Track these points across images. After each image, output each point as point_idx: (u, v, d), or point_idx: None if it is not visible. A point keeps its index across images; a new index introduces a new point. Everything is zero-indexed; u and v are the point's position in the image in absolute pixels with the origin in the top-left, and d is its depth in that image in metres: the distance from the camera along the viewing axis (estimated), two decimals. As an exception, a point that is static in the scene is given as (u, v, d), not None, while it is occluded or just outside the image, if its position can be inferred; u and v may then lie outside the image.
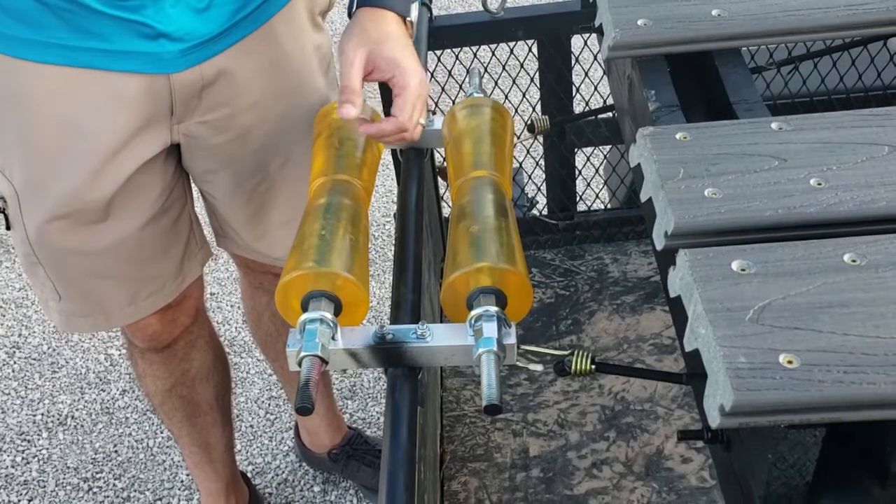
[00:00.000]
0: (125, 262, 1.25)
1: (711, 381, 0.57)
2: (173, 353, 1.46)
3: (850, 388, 0.54)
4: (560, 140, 1.74)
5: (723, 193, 0.71)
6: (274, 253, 1.39)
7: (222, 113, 1.18)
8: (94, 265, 1.23)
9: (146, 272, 1.28)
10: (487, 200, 0.92)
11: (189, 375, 1.52)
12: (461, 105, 1.08)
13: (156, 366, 1.48)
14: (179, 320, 1.41)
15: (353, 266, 0.85)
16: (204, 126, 1.18)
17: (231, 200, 1.30)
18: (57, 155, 1.12)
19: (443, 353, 0.81)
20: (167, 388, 1.52)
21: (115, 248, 1.22)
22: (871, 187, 0.70)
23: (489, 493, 1.36)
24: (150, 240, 1.25)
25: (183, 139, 1.19)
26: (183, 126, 1.17)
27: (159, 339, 1.41)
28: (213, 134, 1.19)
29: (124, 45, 1.06)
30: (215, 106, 1.17)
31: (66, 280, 1.25)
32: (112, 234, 1.20)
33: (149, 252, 1.26)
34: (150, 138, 1.15)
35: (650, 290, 1.68)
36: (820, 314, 0.59)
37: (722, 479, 0.72)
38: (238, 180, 1.27)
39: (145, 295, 1.30)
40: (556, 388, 1.51)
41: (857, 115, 0.79)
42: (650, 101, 0.90)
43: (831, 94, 1.65)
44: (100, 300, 1.28)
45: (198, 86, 1.13)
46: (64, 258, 1.22)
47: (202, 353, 1.52)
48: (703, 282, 0.62)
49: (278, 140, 1.25)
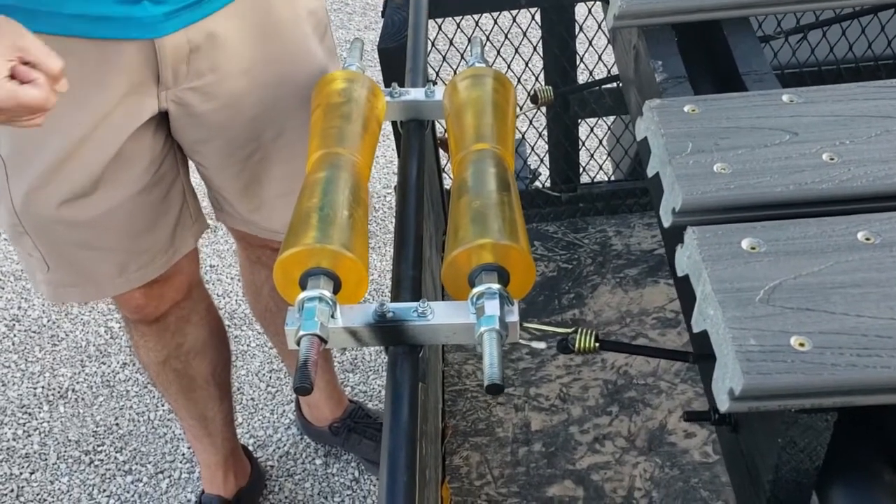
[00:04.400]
0: (114, 234, 1.23)
1: (720, 363, 0.55)
2: (164, 326, 1.45)
3: (863, 371, 0.53)
4: (563, 111, 1.72)
5: (732, 169, 0.69)
6: (271, 225, 1.37)
7: (211, 79, 1.15)
8: (82, 236, 1.22)
9: (136, 244, 1.26)
10: (489, 174, 0.90)
11: (182, 350, 1.51)
12: (462, 75, 1.05)
13: (148, 338, 1.48)
14: (167, 296, 1.40)
15: (352, 243, 0.83)
16: (192, 93, 1.16)
17: (223, 171, 1.28)
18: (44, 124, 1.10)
19: (444, 331, 0.79)
20: (160, 361, 1.51)
21: (104, 219, 1.20)
22: (885, 162, 0.68)
23: (491, 467, 1.35)
24: (139, 212, 1.23)
25: (172, 107, 1.17)
26: (171, 93, 1.15)
27: (144, 312, 1.40)
28: (202, 101, 1.17)
29: (106, 11, 1.03)
30: (204, 72, 1.14)
31: (54, 250, 1.24)
32: (100, 205, 1.19)
33: (138, 224, 1.24)
34: (137, 106, 1.13)
35: (654, 264, 1.66)
36: (832, 295, 0.57)
37: (728, 461, 0.70)
38: (229, 150, 1.25)
39: (135, 267, 1.28)
40: (559, 363, 1.49)
41: (870, 86, 0.77)
42: (657, 72, 0.87)
43: (840, 63, 1.62)
44: (88, 271, 1.27)
45: (185, 50, 1.11)
46: (51, 228, 1.20)
47: (196, 328, 1.51)
48: (712, 261, 0.61)
49: (272, 109, 1.22)
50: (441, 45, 1.77)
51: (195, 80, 1.14)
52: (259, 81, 1.19)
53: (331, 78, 1.06)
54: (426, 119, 1.09)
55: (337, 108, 1.03)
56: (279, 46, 1.19)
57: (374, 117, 1.05)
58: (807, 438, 0.56)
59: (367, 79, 1.05)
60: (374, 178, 2.69)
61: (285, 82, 1.21)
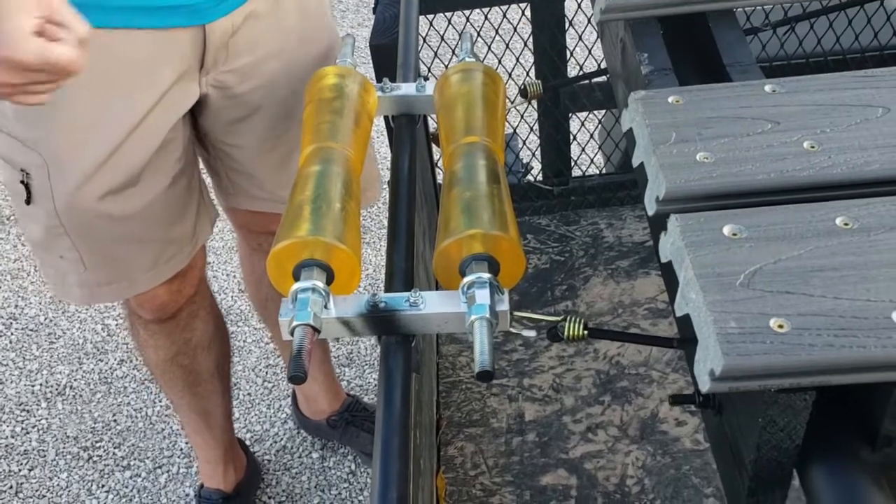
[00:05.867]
0: (152, 224, 1.24)
1: (702, 345, 0.57)
2: (176, 322, 1.47)
3: (840, 351, 0.54)
4: (554, 105, 1.73)
5: (715, 157, 0.70)
6: None
7: (248, 60, 1.18)
8: (124, 229, 1.22)
9: (168, 234, 1.28)
10: (479, 167, 0.91)
11: (191, 345, 1.53)
12: (453, 70, 1.06)
13: (158, 336, 1.48)
14: (185, 290, 1.41)
15: (345, 235, 0.84)
16: (231, 74, 1.18)
17: (261, 146, 1.30)
18: (94, 118, 1.11)
19: (436, 320, 0.81)
20: (169, 358, 1.52)
21: (145, 211, 1.21)
22: (864, 150, 0.70)
23: (485, 457, 1.37)
24: (173, 200, 1.25)
25: (211, 91, 1.19)
26: (210, 77, 1.17)
27: (166, 310, 1.41)
28: (239, 81, 1.19)
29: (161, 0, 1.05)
30: (242, 53, 1.17)
31: (95, 247, 1.24)
32: (143, 196, 1.20)
33: (172, 213, 1.26)
34: (184, 92, 1.15)
35: (645, 255, 1.68)
36: (811, 278, 0.59)
37: (714, 443, 0.72)
38: (267, 127, 1.27)
39: (166, 258, 1.30)
40: (552, 354, 1.51)
41: (851, 76, 0.78)
42: (643, 65, 0.89)
43: (828, 55, 1.64)
44: (126, 265, 1.28)
45: (228, 33, 1.13)
46: (94, 224, 1.20)
47: (204, 322, 1.53)
48: (694, 247, 0.62)
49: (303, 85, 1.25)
50: (433, 42, 1.79)
51: (234, 61, 1.17)
52: (291, 59, 1.21)
53: (322, 73, 1.07)
54: (417, 114, 1.10)
55: (329, 103, 1.04)
56: (308, 23, 1.22)
57: (365, 112, 1.07)
58: (786, 417, 0.58)
59: (358, 74, 1.06)
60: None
61: (313, 57, 1.24)
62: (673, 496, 1.28)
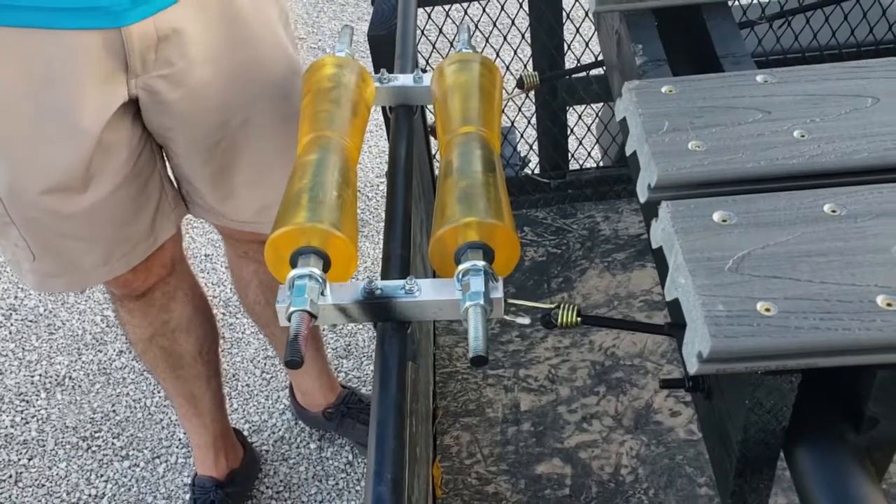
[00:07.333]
0: (99, 226, 1.25)
1: (690, 328, 0.58)
2: (150, 302, 1.47)
3: (825, 334, 0.55)
4: (552, 98, 1.74)
5: (707, 146, 0.71)
6: (240, 216, 1.38)
7: (180, 67, 1.17)
8: (68, 227, 1.24)
9: (119, 234, 1.29)
10: (475, 156, 0.92)
11: (169, 327, 1.54)
12: (450, 60, 1.07)
13: (134, 314, 1.50)
14: (154, 270, 1.42)
15: (342, 222, 0.85)
16: (161, 80, 1.17)
17: (191, 159, 1.30)
18: (22, 116, 1.12)
19: (431, 307, 0.82)
20: (147, 338, 1.53)
21: (90, 212, 1.22)
22: (853, 139, 0.71)
23: (481, 446, 1.38)
24: (122, 203, 1.25)
25: (141, 94, 1.19)
26: (140, 80, 1.17)
27: (133, 287, 1.42)
28: (170, 89, 1.19)
29: (71, 1, 1.05)
30: (173, 60, 1.16)
31: (39, 240, 1.25)
32: (87, 198, 1.20)
33: (122, 215, 1.27)
34: (108, 94, 1.15)
35: (641, 248, 1.69)
36: (799, 263, 0.60)
37: (703, 428, 0.73)
38: (197, 137, 1.26)
39: (118, 255, 1.30)
40: (548, 345, 1.52)
41: (842, 67, 0.79)
42: (637, 55, 0.90)
43: (823, 49, 1.65)
44: (73, 261, 1.29)
45: (153, 38, 1.13)
46: (37, 218, 1.22)
47: (181, 305, 1.53)
48: (684, 233, 0.63)
49: (238, 96, 1.24)
50: (430, 33, 1.79)
51: (164, 67, 1.16)
52: (225, 68, 1.20)
53: (321, 63, 1.08)
54: (415, 104, 1.11)
55: (327, 92, 1.05)
56: (243, 31, 1.20)
57: (363, 102, 1.08)
58: (773, 399, 0.59)
59: (356, 64, 1.07)
60: (367, 167, 2.71)
61: (251, 68, 1.23)
62: (667, 485, 1.30)
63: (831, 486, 0.58)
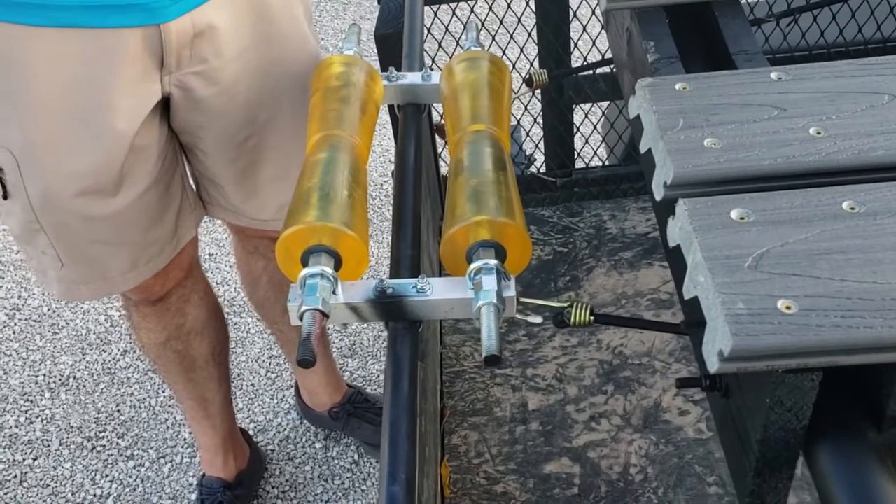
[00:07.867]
0: (129, 229, 1.25)
1: (710, 327, 0.57)
2: (166, 306, 1.47)
3: (846, 332, 0.55)
4: (558, 96, 1.74)
5: (722, 143, 0.71)
6: (262, 215, 1.38)
7: (214, 64, 1.17)
8: (99, 231, 1.23)
9: (146, 237, 1.28)
10: (486, 154, 0.92)
11: (183, 330, 1.53)
12: (459, 58, 1.07)
13: (149, 318, 1.49)
14: (172, 274, 1.42)
15: (352, 221, 0.85)
16: (195, 77, 1.17)
17: (220, 157, 1.29)
18: (57, 118, 1.11)
19: (443, 306, 0.81)
20: (161, 342, 1.53)
21: (121, 215, 1.22)
22: (870, 136, 0.70)
23: (489, 446, 1.37)
24: (150, 204, 1.25)
25: (175, 91, 1.18)
26: (174, 77, 1.16)
27: (152, 292, 1.42)
28: (203, 86, 1.18)
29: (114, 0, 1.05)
30: (207, 57, 1.16)
31: (69, 246, 1.24)
32: (118, 201, 1.20)
33: (150, 217, 1.26)
34: (145, 92, 1.15)
35: (648, 246, 1.69)
36: (818, 261, 0.59)
37: (720, 426, 0.73)
38: (227, 135, 1.26)
39: (145, 260, 1.30)
40: (555, 344, 1.52)
41: (857, 64, 0.79)
42: (649, 53, 0.89)
43: (830, 47, 1.64)
44: (102, 267, 1.28)
45: (189, 35, 1.12)
46: (69, 223, 1.21)
47: (196, 308, 1.53)
48: (703, 230, 0.63)
49: (266, 92, 1.24)
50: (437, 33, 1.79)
51: (198, 64, 1.16)
52: (253, 65, 1.20)
53: (329, 62, 1.08)
54: (423, 103, 1.11)
55: (336, 91, 1.05)
56: (271, 27, 1.20)
57: (372, 100, 1.07)
58: (793, 398, 0.58)
59: (365, 63, 1.07)
60: (370, 167, 2.71)
61: (278, 64, 1.23)
62: (676, 484, 1.29)
63: (852, 485, 0.57)
